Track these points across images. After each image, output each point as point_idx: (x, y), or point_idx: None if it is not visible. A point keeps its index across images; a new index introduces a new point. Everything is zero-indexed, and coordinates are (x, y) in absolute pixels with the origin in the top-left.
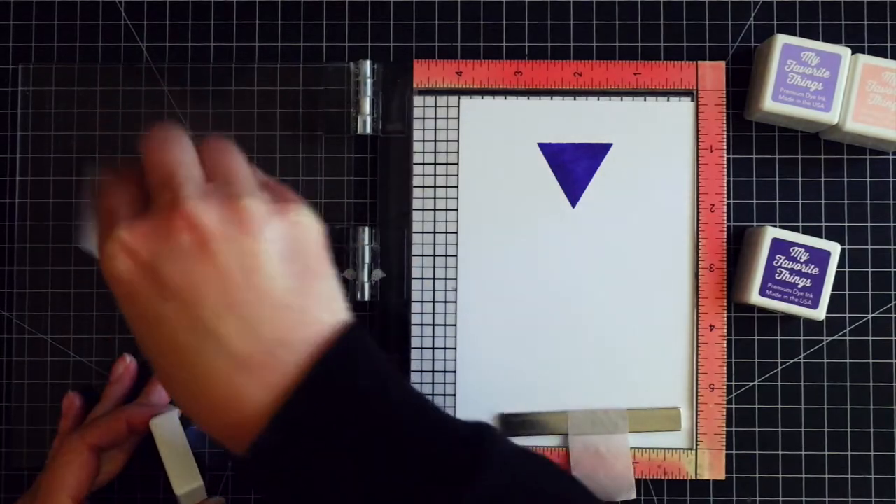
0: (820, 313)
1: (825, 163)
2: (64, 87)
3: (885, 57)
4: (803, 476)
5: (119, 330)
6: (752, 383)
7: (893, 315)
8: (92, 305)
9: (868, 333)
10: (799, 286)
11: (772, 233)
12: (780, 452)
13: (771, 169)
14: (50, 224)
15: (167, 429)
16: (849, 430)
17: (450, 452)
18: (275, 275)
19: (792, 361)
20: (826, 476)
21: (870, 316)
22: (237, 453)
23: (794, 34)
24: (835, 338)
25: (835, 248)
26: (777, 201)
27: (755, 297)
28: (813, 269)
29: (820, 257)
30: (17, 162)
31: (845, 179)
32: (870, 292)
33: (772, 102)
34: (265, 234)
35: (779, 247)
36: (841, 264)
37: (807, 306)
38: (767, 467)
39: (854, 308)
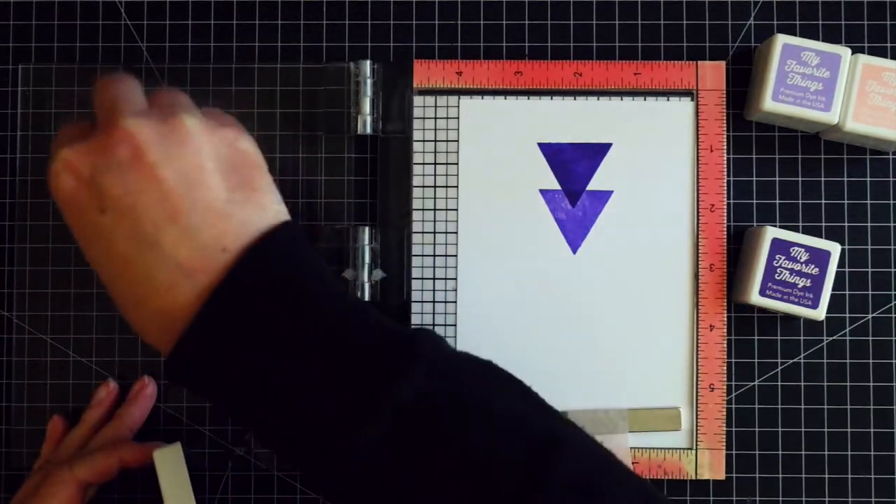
0: (820, 313)
1: (825, 163)
2: (64, 87)
3: (885, 57)
4: (803, 476)
5: (119, 330)
6: (752, 383)
7: (893, 315)
8: (92, 305)
9: (868, 333)
10: (799, 286)
11: (772, 233)
12: (780, 452)
13: (771, 169)
14: (50, 224)
15: (171, 461)
16: (849, 430)
17: (374, 355)
18: (212, 185)
19: (792, 361)
20: (826, 476)
21: (870, 316)
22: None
23: (795, 34)
24: (835, 338)
25: (835, 248)
26: (777, 201)
27: (755, 297)
28: (813, 269)
29: (820, 257)
30: (16, 162)
31: (845, 179)
32: (870, 292)
33: (772, 102)
34: (202, 147)
35: (779, 247)
36: (841, 264)
37: (807, 306)
38: (767, 467)
39: (854, 308)
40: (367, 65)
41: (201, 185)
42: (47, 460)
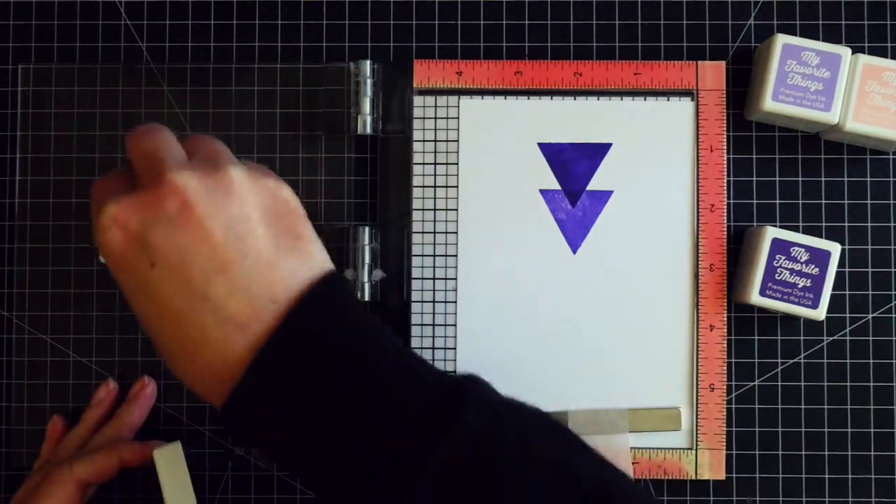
0: (820, 313)
1: (825, 163)
2: (64, 87)
3: (885, 57)
4: (803, 476)
5: (119, 330)
6: (752, 383)
7: (893, 315)
8: (92, 305)
9: (868, 333)
10: (799, 286)
11: (772, 233)
12: (780, 452)
13: (771, 169)
14: (50, 224)
15: (171, 460)
16: (849, 430)
17: (421, 404)
18: (259, 235)
19: (792, 361)
20: (826, 476)
21: (870, 316)
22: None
23: (795, 34)
24: (835, 338)
25: (835, 248)
26: (777, 201)
27: (755, 298)
28: (813, 269)
29: (820, 257)
30: (16, 162)
31: (845, 179)
32: (870, 292)
33: (772, 102)
34: (247, 198)
35: (779, 247)
36: (841, 264)
37: (807, 306)
38: (767, 467)
39: (854, 308)
40: (367, 65)
41: (249, 236)
42: (47, 460)
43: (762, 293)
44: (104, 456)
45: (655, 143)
